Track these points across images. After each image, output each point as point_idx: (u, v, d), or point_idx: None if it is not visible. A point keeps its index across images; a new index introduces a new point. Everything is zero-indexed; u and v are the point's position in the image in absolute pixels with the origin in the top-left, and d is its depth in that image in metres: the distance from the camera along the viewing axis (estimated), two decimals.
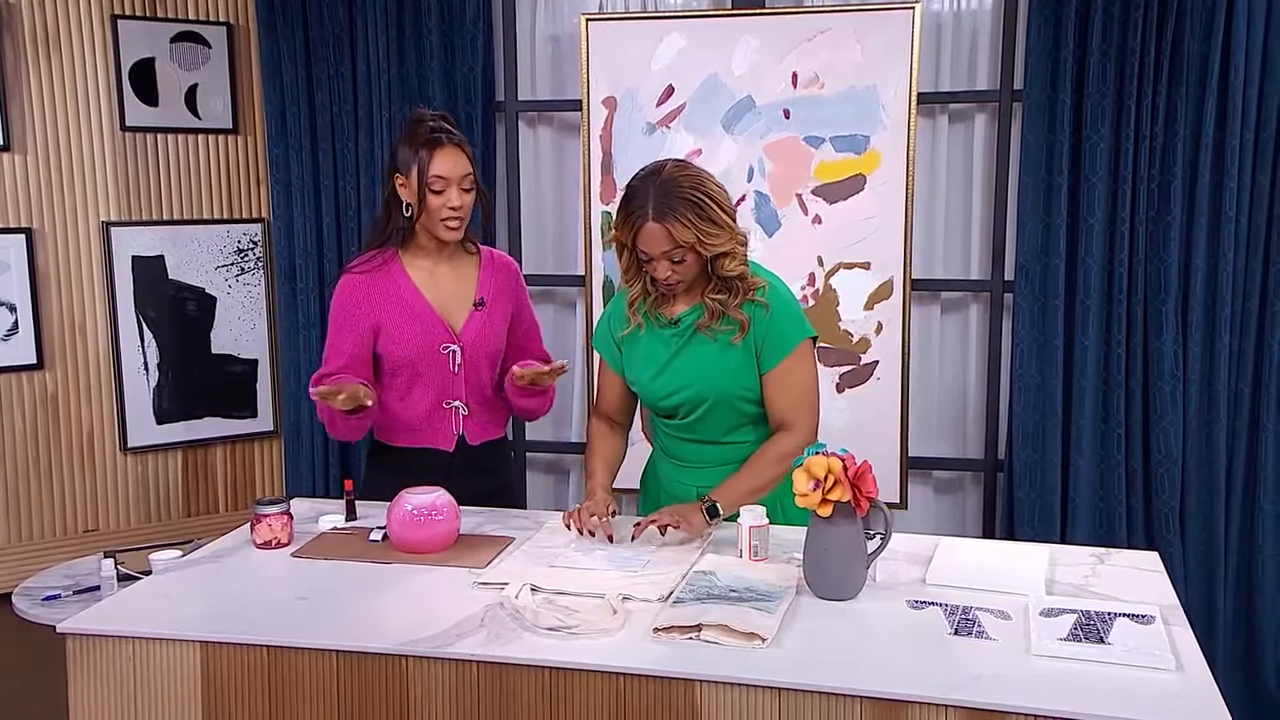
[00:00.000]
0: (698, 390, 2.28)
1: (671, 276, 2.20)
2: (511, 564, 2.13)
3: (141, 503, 4.22)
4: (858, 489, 1.92)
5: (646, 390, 2.35)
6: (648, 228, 2.15)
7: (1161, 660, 1.66)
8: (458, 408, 2.53)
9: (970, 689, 1.61)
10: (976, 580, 2.00)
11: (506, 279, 2.62)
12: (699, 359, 2.28)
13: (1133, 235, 3.29)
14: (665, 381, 2.31)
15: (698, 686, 1.70)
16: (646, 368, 2.34)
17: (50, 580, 2.84)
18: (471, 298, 2.54)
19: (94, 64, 3.98)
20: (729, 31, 3.53)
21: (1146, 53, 3.20)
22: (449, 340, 2.50)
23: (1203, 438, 3.32)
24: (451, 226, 2.45)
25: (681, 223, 2.13)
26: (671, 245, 2.15)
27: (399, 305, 2.48)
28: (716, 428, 2.32)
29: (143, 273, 4.10)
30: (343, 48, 3.79)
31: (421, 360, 2.49)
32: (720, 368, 2.27)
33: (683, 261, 2.18)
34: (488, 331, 2.55)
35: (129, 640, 1.85)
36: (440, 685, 1.78)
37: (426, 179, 2.40)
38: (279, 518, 2.22)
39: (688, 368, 2.29)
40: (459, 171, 2.41)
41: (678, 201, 2.13)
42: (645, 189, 2.17)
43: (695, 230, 2.13)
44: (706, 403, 2.29)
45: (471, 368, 2.54)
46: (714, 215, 2.15)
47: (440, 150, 2.40)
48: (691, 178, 2.18)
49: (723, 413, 2.30)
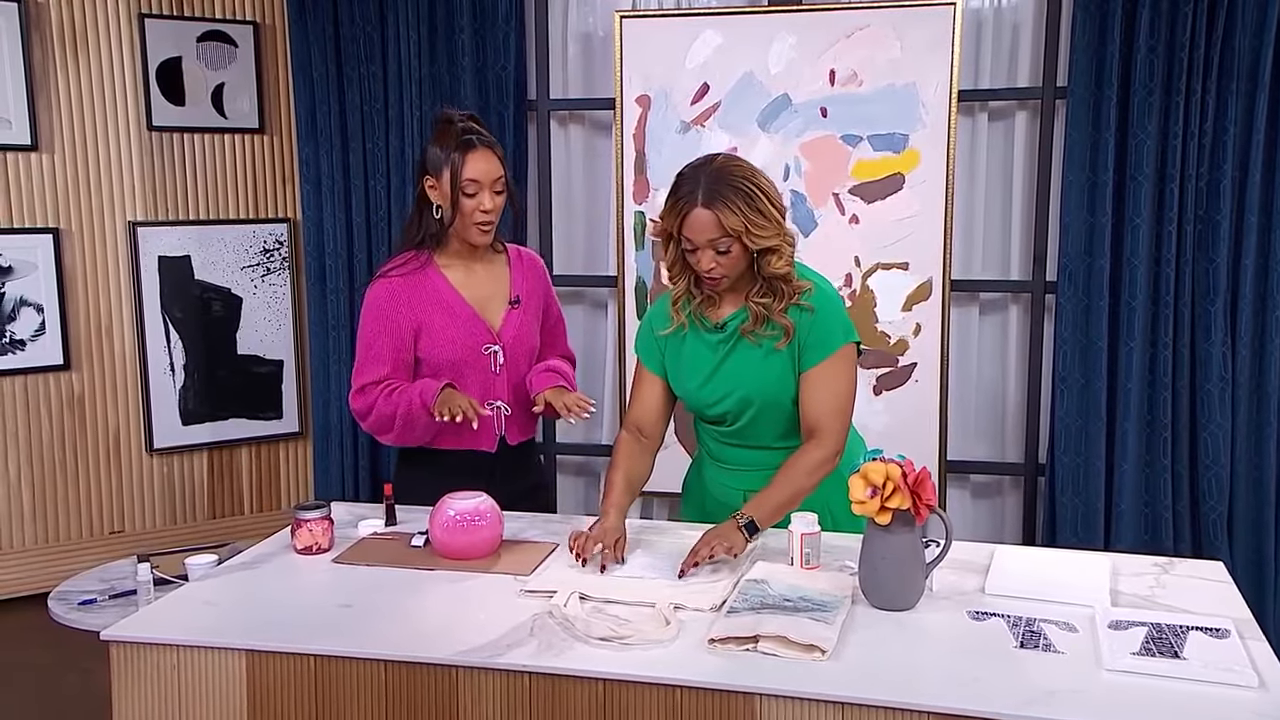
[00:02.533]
0: (744, 396, 2.23)
1: (716, 269, 2.14)
2: (557, 571, 2.08)
3: (167, 504, 4.20)
4: (917, 496, 1.86)
5: (694, 397, 2.30)
6: (695, 213, 2.10)
7: (1242, 676, 1.60)
8: (500, 408, 2.49)
9: (1044, 705, 1.56)
10: (1038, 590, 1.94)
11: (535, 275, 2.59)
12: (745, 365, 2.23)
13: (1180, 235, 3.23)
14: (713, 388, 2.26)
15: (758, 700, 1.65)
16: (693, 375, 2.28)
17: (85, 584, 2.81)
18: (506, 296, 2.51)
19: (121, 63, 3.96)
20: (765, 28, 3.47)
21: (1196, 48, 3.14)
22: (490, 341, 2.46)
23: (1252, 442, 3.25)
24: (484, 229, 2.41)
25: (730, 209, 2.08)
26: (718, 233, 2.09)
27: (440, 307, 2.44)
28: (766, 433, 2.27)
29: (169, 273, 4.08)
30: (373, 46, 3.76)
31: (464, 361, 2.45)
32: (766, 374, 2.22)
33: (728, 252, 2.12)
34: (524, 330, 2.52)
35: (173, 648, 1.81)
36: (491, 697, 1.73)
37: (460, 182, 2.36)
38: (320, 522, 2.17)
39: (734, 374, 2.24)
40: (492, 175, 2.38)
41: (728, 189, 2.09)
42: (696, 176, 2.13)
43: (743, 218, 2.08)
44: (753, 408, 2.24)
45: (512, 367, 2.50)
46: (763, 207, 2.10)
47: (473, 153, 2.36)
48: (744, 168, 2.14)
49: (771, 418, 2.25)
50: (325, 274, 3.93)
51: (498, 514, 2.18)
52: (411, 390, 2.39)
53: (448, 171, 2.36)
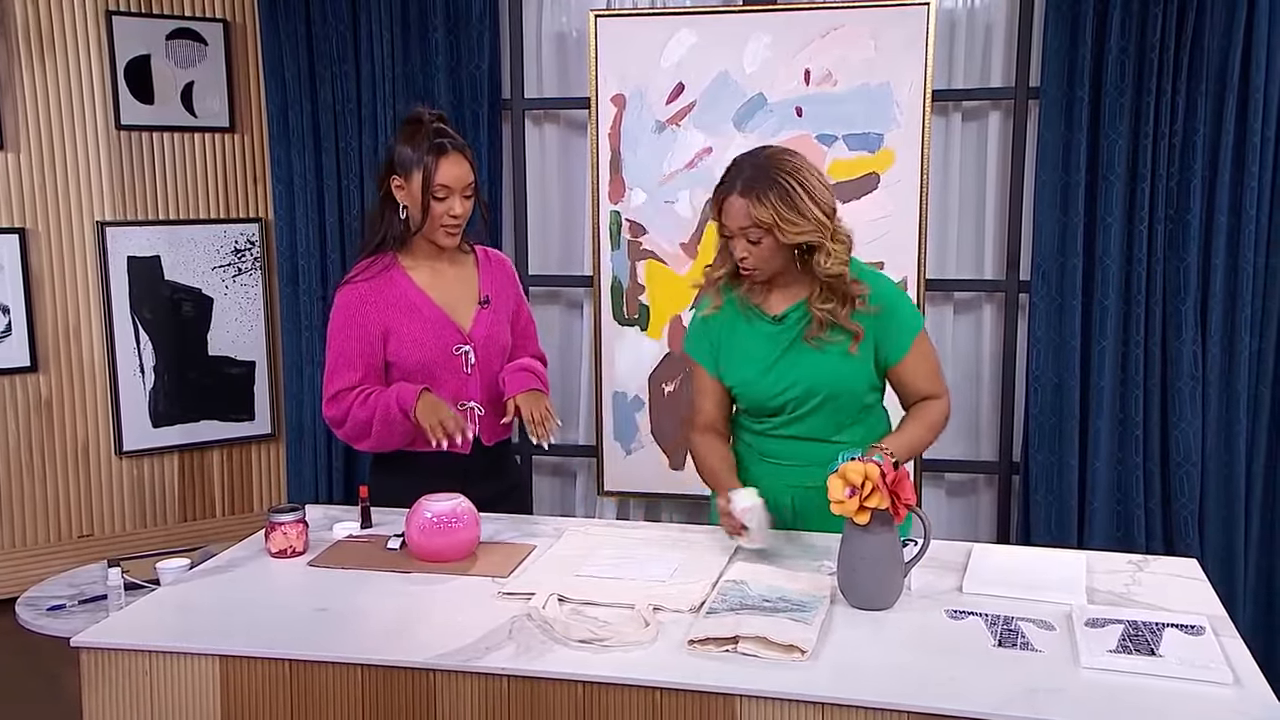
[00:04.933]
0: (810, 386, 2.21)
1: (748, 258, 2.15)
2: (535, 573, 2.07)
3: (137, 507, 4.15)
4: (896, 496, 1.86)
5: (753, 387, 2.26)
6: (730, 200, 2.12)
7: (1218, 674, 1.61)
8: (473, 408, 2.47)
9: (1024, 703, 1.56)
10: (1015, 589, 1.95)
11: (504, 275, 2.58)
12: (809, 355, 2.21)
13: (1151, 234, 3.25)
14: (775, 379, 2.23)
15: (738, 701, 1.64)
16: (750, 365, 2.25)
17: (53, 590, 2.77)
18: (475, 297, 2.49)
19: (89, 61, 3.91)
20: (740, 28, 3.47)
21: (1166, 49, 3.16)
22: (461, 341, 2.45)
23: (1222, 440, 3.28)
24: (451, 233, 2.40)
25: (762, 202, 2.07)
26: (749, 223, 2.10)
27: (407, 310, 2.42)
28: (826, 425, 2.24)
29: (138, 273, 4.03)
30: (346, 45, 3.72)
31: (435, 363, 2.43)
32: (835, 365, 2.20)
33: (759, 243, 2.12)
34: (496, 329, 2.50)
35: (145, 654, 1.78)
36: (469, 700, 1.72)
37: (431, 186, 2.34)
38: (294, 526, 2.15)
39: (799, 363, 2.22)
40: (463, 180, 2.36)
41: (768, 182, 2.09)
42: (744, 163, 2.15)
43: (774, 213, 2.07)
44: (818, 398, 2.22)
45: (485, 367, 2.49)
46: (801, 205, 2.08)
47: (446, 158, 2.34)
48: (792, 164, 2.13)
49: (836, 409, 2.24)
50: (298, 274, 3.89)
51: (475, 516, 2.17)
52: (387, 395, 2.37)
53: (419, 174, 2.33)
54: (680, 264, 3.60)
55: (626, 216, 3.63)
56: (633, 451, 3.73)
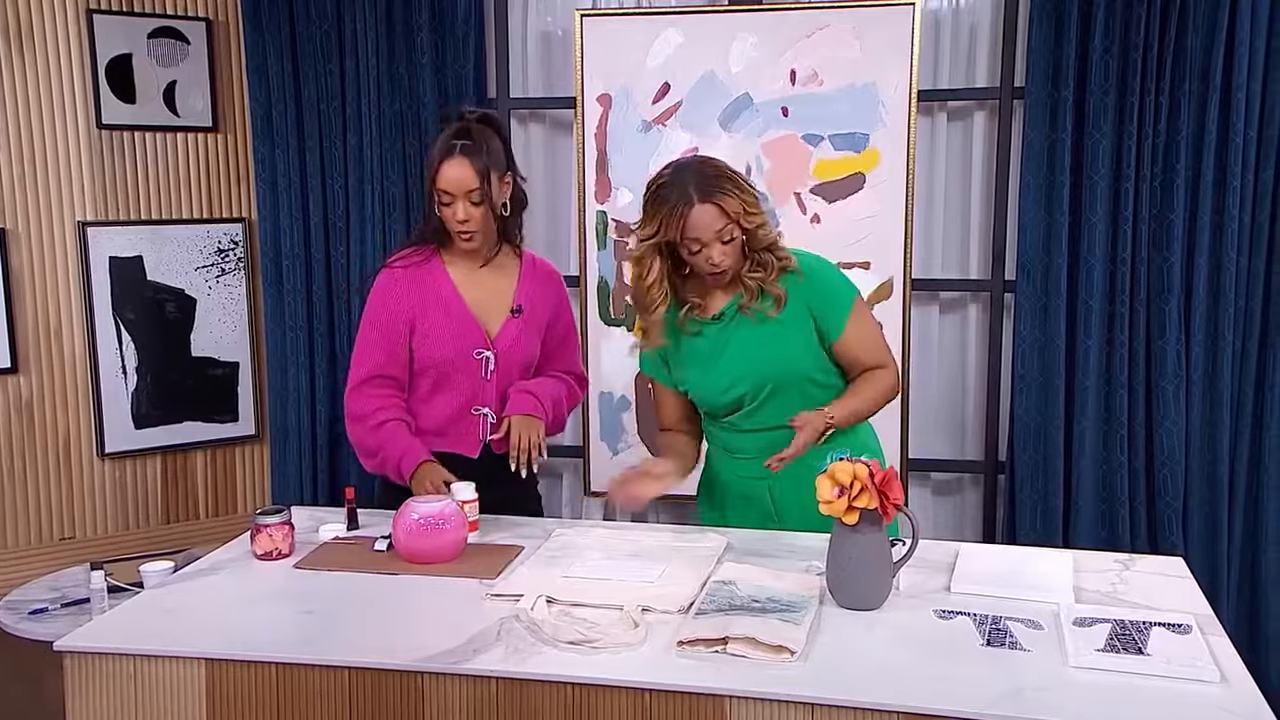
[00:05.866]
0: (759, 377, 2.27)
1: (724, 259, 2.21)
2: (523, 574, 2.06)
3: (120, 509, 4.10)
4: (885, 496, 1.87)
5: (701, 389, 2.33)
6: (697, 210, 2.16)
7: (1204, 672, 1.62)
8: (486, 414, 2.46)
9: (1012, 703, 1.57)
10: (1003, 588, 1.96)
11: (547, 286, 2.56)
12: (750, 345, 2.28)
13: (1135, 234, 3.26)
14: (719, 374, 2.29)
15: (727, 702, 1.64)
16: (694, 367, 2.32)
17: (35, 593, 2.75)
18: (509, 304, 2.48)
19: (69, 60, 3.86)
20: (726, 28, 3.47)
21: (1149, 49, 3.17)
22: (483, 346, 2.43)
23: (1206, 439, 3.29)
24: (464, 238, 2.39)
25: (729, 195, 2.17)
26: (724, 222, 2.17)
27: (437, 304, 2.41)
28: (784, 412, 2.25)
29: (120, 274, 3.99)
30: (330, 44, 3.70)
31: (453, 364, 2.42)
32: (775, 348, 2.27)
33: (732, 240, 2.20)
34: (521, 340, 2.48)
35: (130, 658, 1.77)
36: (458, 703, 1.72)
37: (433, 190, 2.35)
38: (280, 528, 2.14)
39: (740, 355, 2.28)
40: (465, 185, 2.32)
41: (718, 180, 2.19)
42: (679, 179, 2.20)
43: (741, 201, 2.18)
44: (769, 386, 2.27)
45: (504, 375, 2.47)
46: (745, 190, 2.21)
47: (447, 162, 2.33)
48: (716, 162, 2.27)
49: (789, 395, 2.28)
50: (282, 275, 3.87)
51: (462, 517, 2.16)
52: (395, 447, 2.37)
53: (429, 175, 2.35)
54: None
55: (613, 216, 3.62)
56: (619, 452, 3.73)
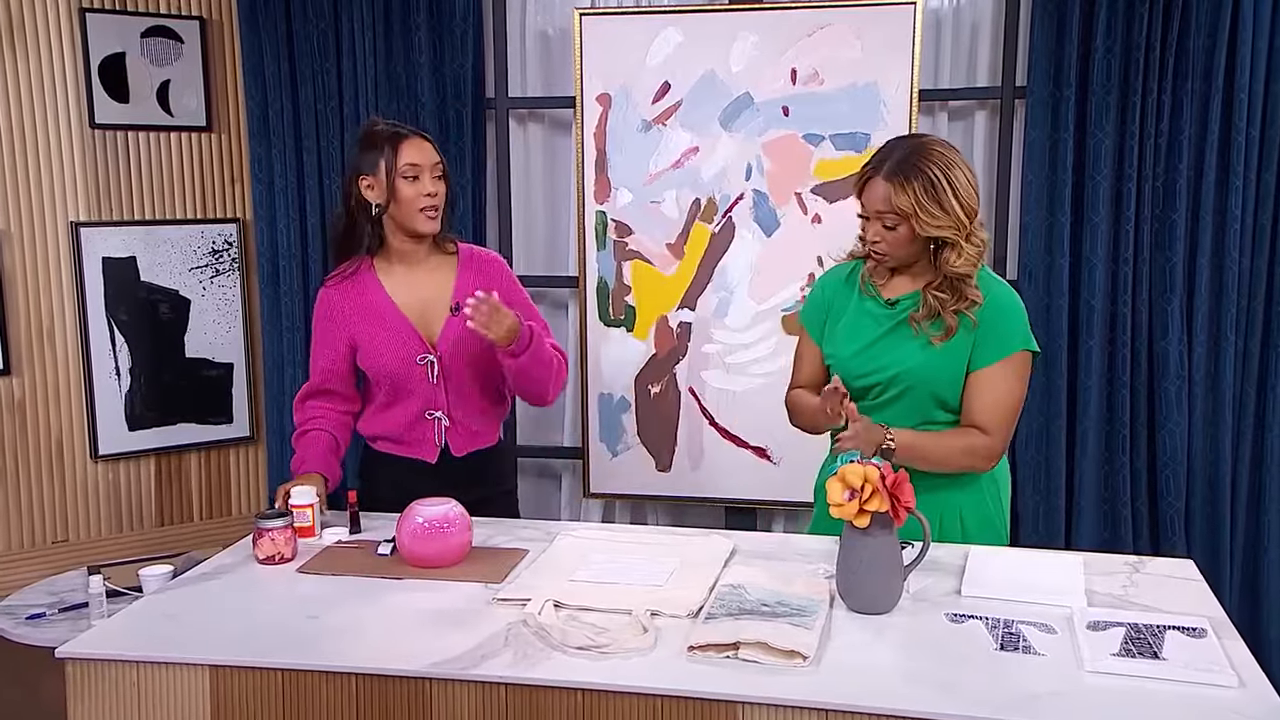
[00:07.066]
0: (896, 372, 2.20)
1: (880, 243, 2.16)
2: (529, 578, 2.04)
3: (113, 512, 4.07)
4: (896, 499, 1.85)
5: (845, 363, 2.26)
6: (874, 181, 2.13)
7: (1222, 677, 1.60)
8: (439, 419, 2.44)
9: (1029, 708, 1.55)
10: (1014, 591, 1.94)
11: (488, 277, 2.49)
12: (908, 343, 2.21)
13: (1137, 234, 3.25)
14: (867, 359, 2.23)
15: (740, 708, 1.62)
16: (849, 343, 2.27)
17: (32, 597, 2.71)
18: (448, 303, 2.45)
19: (61, 59, 3.83)
20: (726, 27, 3.45)
21: (1151, 49, 3.16)
22: (424, 351, 2.41)
23: (1208, 440, 3.29)
24: (430, 216, 2.39)
25: (905, 189, 2.08)
26: (887, 208, 2.11)
27: (373, 317, 2.40)
28: (908, 416, 2.21)
29: (114, 275, 3.96)
30: (327, 43, 3.67)
31: (399, 373, 2.41)
32: (930, 356, 2.18)
33: (894, 229, 2.13)
34: (469, 336, 2.39)
35: (133, 665, 1.74)
36: (466, 709, 1.69)
37: (398, 168, 2.35)
38: (283, 531, 2.11)
39: (892, 349, 2.21)
40: (430, 159, 2.39)
41: (915, 170, 2.09)
42: (895, 147, 2.15)
43: (914, 201, 2.08)
44: (901, 386, 2.20)
45: (454, 376, 2.45)
46: (943, 198, 2.08)
47: (406, 141, 2.38)
48: (944, 156, 2.11)
49: (917, 401, 2.21)
50: (279, 275, 3.84)
51: (466, 520, 2.14)
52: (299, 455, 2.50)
53: (383, 164, 2.35)
54: (667, 264, 3.58)
55: (612, 216, 3.60)
56: (619, 453, 3.71)
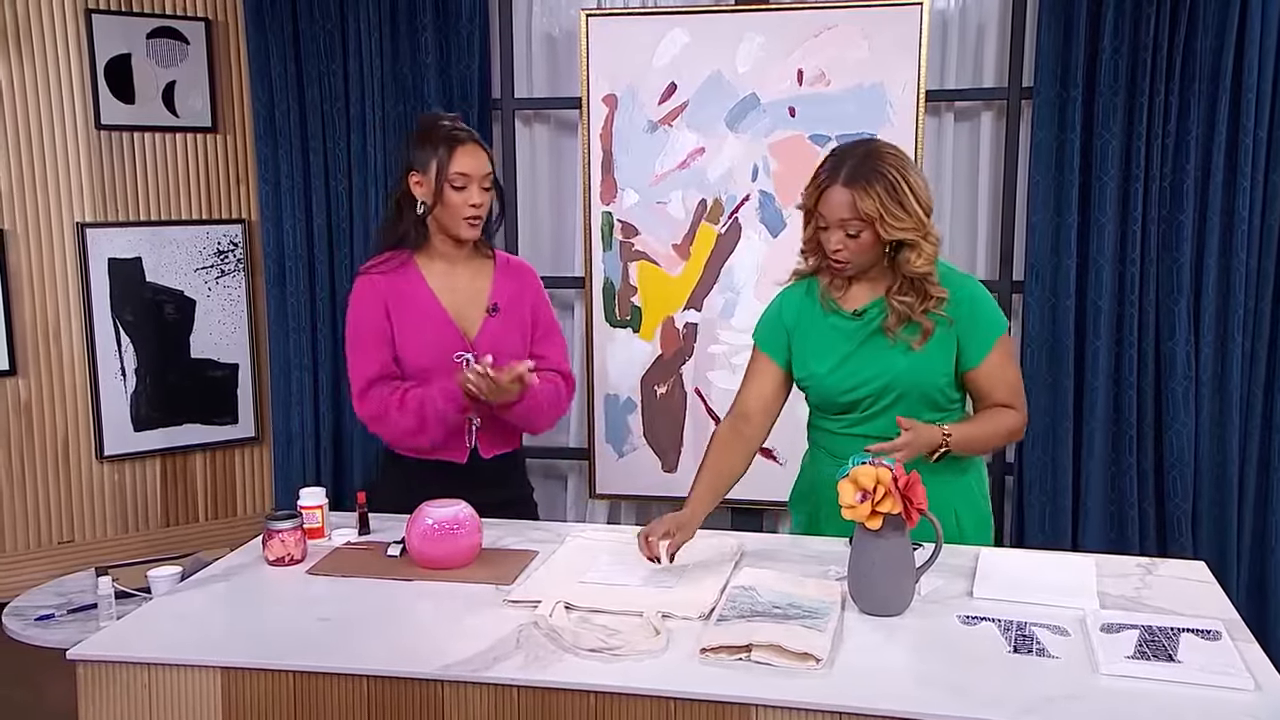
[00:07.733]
0: (885, 383, 2.17)
1: (843, 251, 2.11)
2: (539, 580, 2.03)
3: (119, 513, 4.07)
4: (908, 500, 1.84)
5: (824, 382, 2.22)
6: (833, 190, 2.08)
7: (1238, 679, 1.60)
8: (472, 419, 2.44)
9: (1044, 711, 1.54)
10: (1026, 593, 1.94)
11: (522, 284, 2.54)
12: (887, 351, 2.18)
13: (1145, 235, 3.25)
14: (847, 374, 2.20)
15: (753, 710, 1.62)
16: (823, 360, 2.22)
17: (40, 598, 2.71)
18: (486, 304, 2.45)
19: (68, 60, 3.83)
20: (733, 27, 3.45)
21: (1159, 49, 3.16)
22: (463, 348, 2.41)
23: (1215, 441, 3.28)
24: (472, 224, 2.39)
25: (868, 194, 2.05)
26: (851, 215, 2.07)
27: (414, 309, 2.39)
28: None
29: (119, 275, 3.96)
30: (334, 44, 3.67)
31: (434, 368, 2.40)
32: (912, 359, 2.16)
33: (858, 237, 2.09)
34: (502, 339, 2.45)
35: (144, 667, 1.74)
36: (478, 711, 1.69)
37: (448, 175, 2.34)
38: (293, 533, 2.11)
39: (873, 361, 2.18)
40: (481, 169, 2.37)
41: (873, 173, 2.06)
42: (846, 155, 2.10)
43: (880, 205, 2.05)
44: (892, 395, 2.18)
45: None
46: (904, 199, 2.06)
47: (462, 147, 2.36)
48: (896, 157, 2.09)
49: (909, 406, 2.18)
50: (285, 276, 3.84)
51: (476, 522, 2.13)
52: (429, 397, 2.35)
53: (435, 165, 2.34)
54: (673, 265, 3.58)
55: (618, 217, 3.60)
56: (625, 454, 3.70)
